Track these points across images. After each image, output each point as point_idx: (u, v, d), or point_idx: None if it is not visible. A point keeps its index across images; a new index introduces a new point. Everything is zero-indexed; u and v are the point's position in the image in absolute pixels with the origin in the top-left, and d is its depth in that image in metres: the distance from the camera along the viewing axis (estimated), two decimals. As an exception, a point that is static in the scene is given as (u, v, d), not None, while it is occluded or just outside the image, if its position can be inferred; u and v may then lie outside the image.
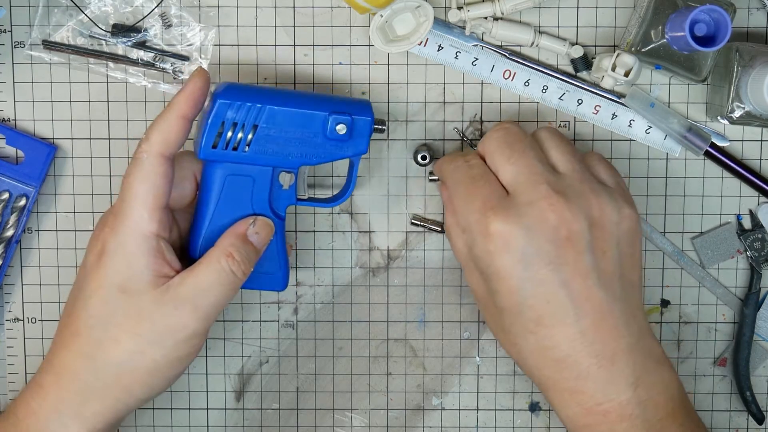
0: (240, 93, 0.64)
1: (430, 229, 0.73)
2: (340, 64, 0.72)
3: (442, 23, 0.71)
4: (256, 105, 0.64)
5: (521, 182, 0.62)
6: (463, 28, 0.71)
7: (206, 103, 0.65)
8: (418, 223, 0.73)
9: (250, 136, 0.64)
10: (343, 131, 0.65)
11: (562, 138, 0.66)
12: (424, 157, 0.72)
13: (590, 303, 0.61)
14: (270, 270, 0.67)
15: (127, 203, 0.62)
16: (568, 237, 0.61)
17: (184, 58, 0.71)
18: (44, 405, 0.63)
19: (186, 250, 0.67)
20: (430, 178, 0.72)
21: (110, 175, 0.73)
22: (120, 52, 0.71)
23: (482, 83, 0.72)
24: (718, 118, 0.70)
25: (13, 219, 0.71)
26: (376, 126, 0.67)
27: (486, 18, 0.70)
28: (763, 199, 0.73)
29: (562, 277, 0.61)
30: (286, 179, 0.66)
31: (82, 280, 0.64)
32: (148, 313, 0.62)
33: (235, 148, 0.64)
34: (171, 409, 0.75)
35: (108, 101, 0.72)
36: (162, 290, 0.62)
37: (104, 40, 0.71)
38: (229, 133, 0.64)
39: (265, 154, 0.65)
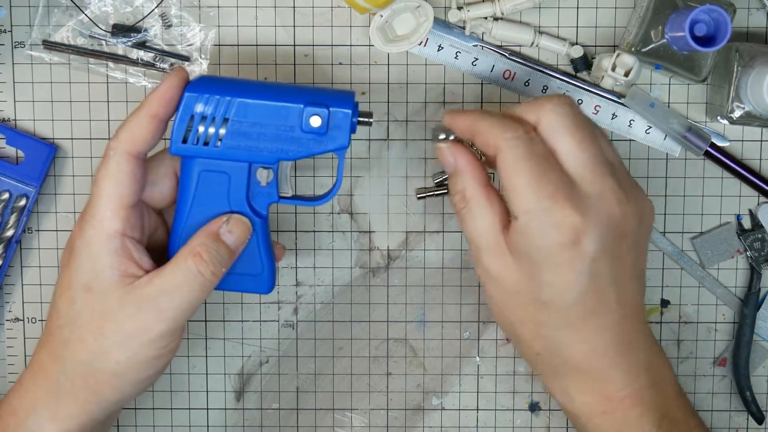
0: (210, 85, 0.62)
1: (437, 194, 0.72)
2: (340, 64, 0.72)
3: (442, 23, 0.71)
4: (225, 98, 0.61)
5: (590, 170, 0.59)
6: (463, 28, 0.71)
7: None
8: (424, 195, 0.72)
9: (221, 131, 0.62)
10: (318, 124, 0.61)
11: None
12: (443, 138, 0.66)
13: (626, 297, 0.61)
14: (253, 271, 0.65)
15: (93, 202, 0.61)
16: (624, 234, 0.60)
17: (184, 58, 0.71)
18: (23, 404, 0.62)
19: None
20: (418, 196, 0.72)
21: (110, 175, 0.72)
22: (120, 52, 0.71)
23: (482, 83, 0.72)
24: (718, 118, 0.70)
25: (13, 219, 0.71)
26: (360, 119, 0.63)
27: (486, 18, 0.70)
28: (763, 199, 0.73)
29: (615, 274, 0.60)
30: (263, 175, 0.63)
31: (57, 279, 0.64)
32: (113, 314, 0.60)
33: (206, 143, 0.62)
34: (171, 409, 0.75)
35: (108, 101, 0.72)
36: (127, 290, 0.60)
37: (104, 40, 0.71)
38: (200, 128, 0.61)
39: (239, 149, 0.62)
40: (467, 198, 0.62)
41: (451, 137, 0.63)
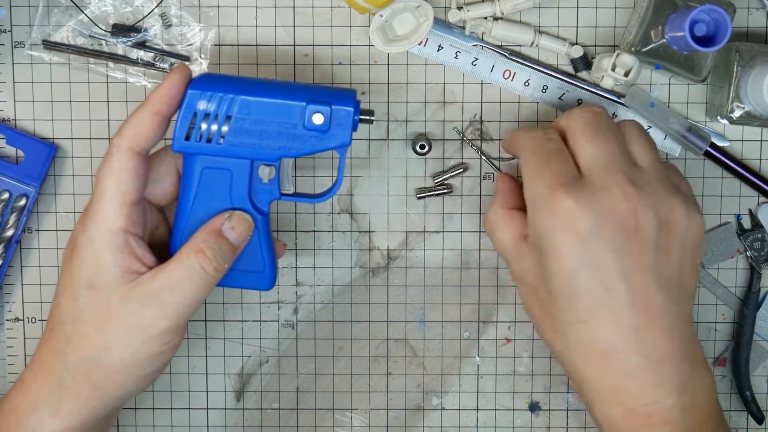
0: (213, 83, 0.62)
1: (438, 193, 0.72)
2: (340, 64, 0.72)
3: (442, 23, 0.71)
4: (228, 95, 0.62)
5: (598, 166, 0.61)
6: (463, 28, 0.71)
7: None
8: (424, 195, 0.72)
9: (224, 128, 0.62)
10: (321, 121, 0.62)
11: (647, 134, 0.65)
12: (422, 146, 0.71)
13: (647, 300, 0.59)
14: (254, 268, 0.65)
15: (96, 199, 0.61)
16: (635, 229, 0.59)
17: (184, 58, 0.71)
18: (25, 401, 0.63)
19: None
20: (418, 196, 0.72)
21: (110, 175, 0.72)
22: (120, 52, 0.71)
23: (482, 83, 0.72)
24: (718, 118, 0.70)
25: (13, 219, 0.71)
26: (362, 117, 0.64)
27: (486, 18, 0.70)
28: (763, 199, 0.73)
29: (624, 269, 0.59)
30: (265, 172, 0.64)
31: (59, 276, 0.64)
32: (116, 310, 0.61)
33: (209, 140, 0.62)
34: (171, 409, 0.75)
35: (108, 101, 0.72)
36: (131, 287, 0.61)
37: (104, 40, 0.71)
38: (203, 125, 0.62)
39: (242, 146, 0.62)
40: (488, 220, 0.67)
41: (426, 147, 0.71)
